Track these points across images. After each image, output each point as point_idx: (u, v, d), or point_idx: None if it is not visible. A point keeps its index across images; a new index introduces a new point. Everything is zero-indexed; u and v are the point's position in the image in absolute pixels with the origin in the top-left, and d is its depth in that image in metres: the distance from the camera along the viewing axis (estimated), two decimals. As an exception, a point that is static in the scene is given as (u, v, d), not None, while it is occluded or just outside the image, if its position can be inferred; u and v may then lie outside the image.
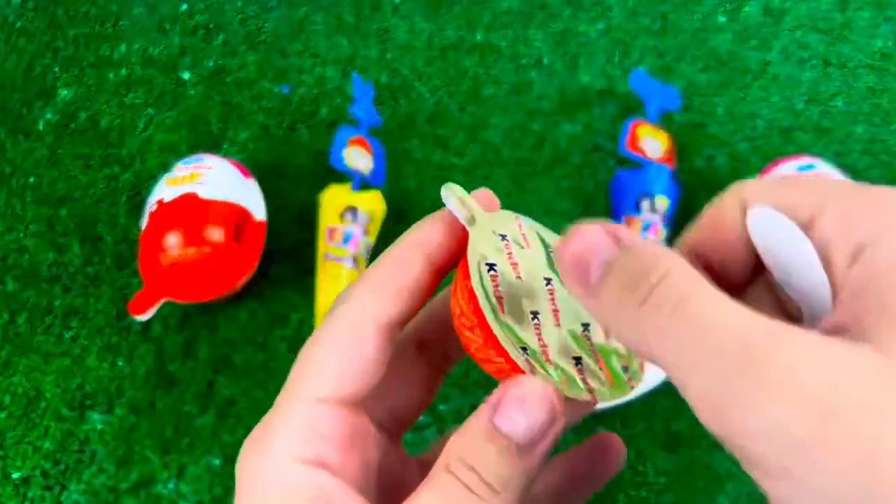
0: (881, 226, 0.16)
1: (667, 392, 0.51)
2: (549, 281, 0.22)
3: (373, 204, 0.55)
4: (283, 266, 0.56)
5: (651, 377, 0.48)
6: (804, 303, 0.18)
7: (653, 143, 0.56)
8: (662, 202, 0.54)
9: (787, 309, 0.20)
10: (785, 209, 0.18)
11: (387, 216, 0.56)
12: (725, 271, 0.20)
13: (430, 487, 0.20)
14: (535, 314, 0.21)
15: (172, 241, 0.50)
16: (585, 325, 0.22)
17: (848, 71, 0.62)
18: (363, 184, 0.55)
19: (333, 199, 0.55)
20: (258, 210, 0.54)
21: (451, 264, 0.22)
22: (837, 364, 0.15)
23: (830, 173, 0.52)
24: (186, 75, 0.64)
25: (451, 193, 0.22)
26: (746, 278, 0.20)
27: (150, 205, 0.53)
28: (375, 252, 0.55)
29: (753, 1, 0.65)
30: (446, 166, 0.60)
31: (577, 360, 0.21)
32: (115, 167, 0.61)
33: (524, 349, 0.20)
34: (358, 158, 0.55)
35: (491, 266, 0.21)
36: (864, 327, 0.15)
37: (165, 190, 0.53)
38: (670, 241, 0.54)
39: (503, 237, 0.22)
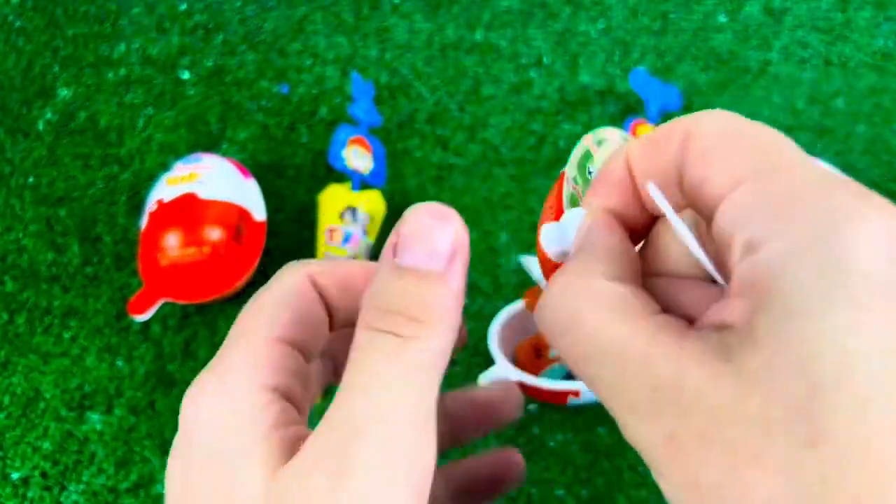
0: (778, 223, 0.15)
1: (667, 392, 0.50)
2: None
3: (373, 204, 0.55)
4: (282, 266, 0.56)
5: None
6: (705, 271, 0.19)
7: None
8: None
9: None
10: (701, 178, 0.17)
11: (387, 216, 0.56)
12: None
13: (358, 352, 0.19)
14: None
15: (172, 241, 0.50)
16: None
17: (849, 70, 0.62)
18: (363, 184, 0.55)
19: (333, 198, 0.55)
20: (258, 210, 0.54)
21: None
22: (693, 391, 0.15)
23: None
24: (186, 75, 0.64)
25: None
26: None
27: (150, 204, 0.53)
28: (375, 252, 0.55)
29: (754, 0, 0.65)
30: (446, 166, 0.60)
31: None
32: (115, 167, 0.61)
33: None
34: (358, 158, 0.55)
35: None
36: (741, 334, 0.15)
37: (165, 190, 0.53)
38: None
39: None
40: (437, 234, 0.19)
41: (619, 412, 0.16)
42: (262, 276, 0.55)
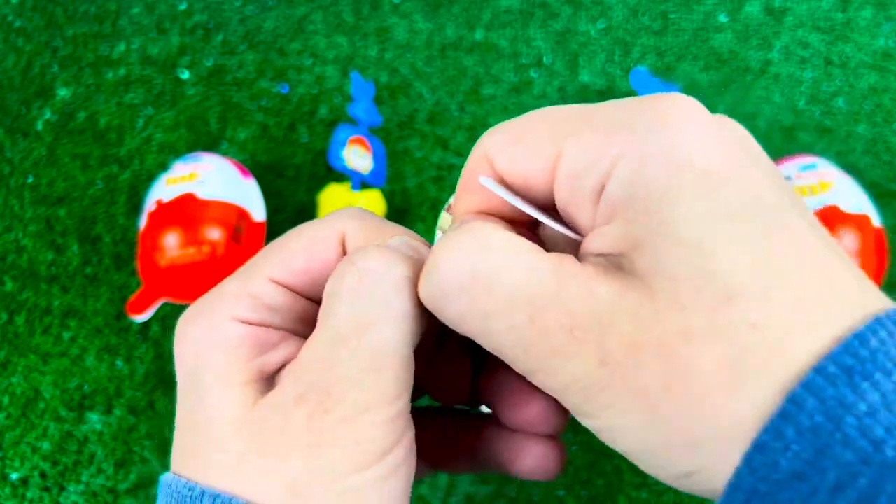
0: (612, 156, 0.17)
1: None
2: None
3: (372, 204, 0.54)
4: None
5: None
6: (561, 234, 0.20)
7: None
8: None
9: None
10: (529, 156, 0.19)
11: (387, 216, 0.56)
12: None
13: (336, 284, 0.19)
14: None
15: (171, 241, 0.50)
16: None
17: (849, 70, 0.62)
18: (363, 184, 0.55)
19: (333, 198, 0.55)
20: (257, 210, 0.54)
21: None
22: (608, 306, 0.16)
23: (832, 173, 0.52)
24: (185, 74, 0.64)
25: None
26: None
27: (149, 204, 0.53)
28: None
29: (754, 0, 0.65)
30: (446, 166, 0.60)
31: None
32: (114, 167, 0.60)
33: None
34: (358, 158, 0.55)
35: None
36: (628, 255, 0.16)
37: (164, 189, 0.52)
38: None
39: None
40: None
41: (538, 362, 0.17)
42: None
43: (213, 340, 0.20)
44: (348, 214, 0.22)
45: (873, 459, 0.14)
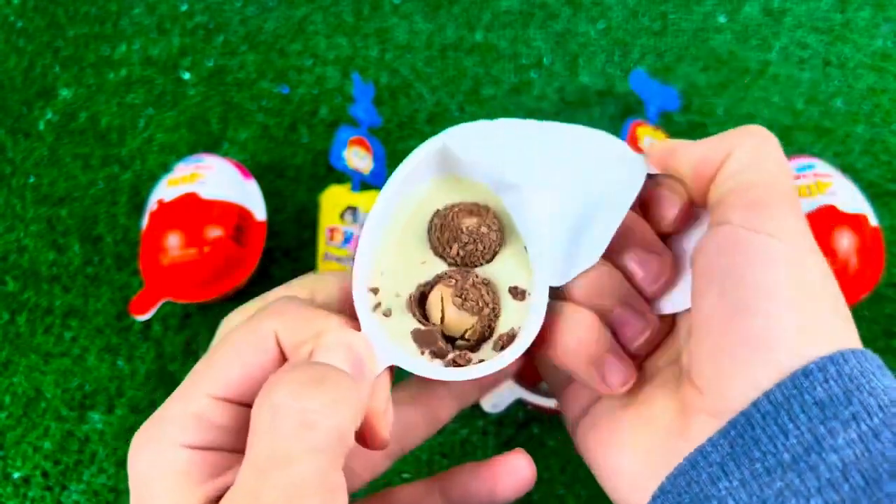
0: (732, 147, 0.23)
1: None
2: None
3: (373, 204, 0.55)
4: (283, 266, 0.56)
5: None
6: None
7: (653, 143, 0.56)
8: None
9: None
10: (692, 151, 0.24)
11: (387, 216, 0.56)
12: None
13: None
14: None
15: (173, 240, 0.50)
16: None
17: (848, 71, 0.62)
18: (363, 184, 0.55)
19: (333, 199, 0.55)
20: (258, 210, 0.54)
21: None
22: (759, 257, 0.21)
23: (830, 173, 0.52)
24: (186, 75, 0.64)
25: None
26: None
27: (151, 204, 0.53)
28: (375, 252, 0.55)
29: (753, 1, 0.65)
30: (446, 166, 0.60)
31: None
32: (115, 167, 0.61)
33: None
34: (358, 159, 0.55)
35: None
36: (756, 227, 0.22)
37: (166, 190, 0.53)
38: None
39: None
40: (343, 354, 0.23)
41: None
42: (262, 277, 0.55)
43: (161, 469, 0.20)
44: (276, 311, 0.22)
45: (889, 410, 0.19)
